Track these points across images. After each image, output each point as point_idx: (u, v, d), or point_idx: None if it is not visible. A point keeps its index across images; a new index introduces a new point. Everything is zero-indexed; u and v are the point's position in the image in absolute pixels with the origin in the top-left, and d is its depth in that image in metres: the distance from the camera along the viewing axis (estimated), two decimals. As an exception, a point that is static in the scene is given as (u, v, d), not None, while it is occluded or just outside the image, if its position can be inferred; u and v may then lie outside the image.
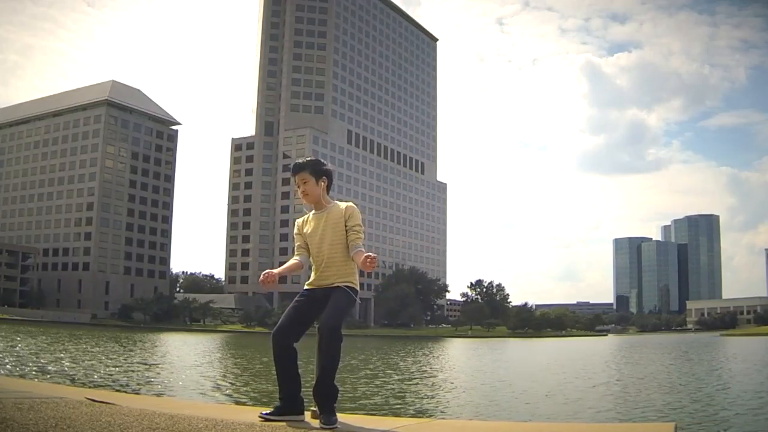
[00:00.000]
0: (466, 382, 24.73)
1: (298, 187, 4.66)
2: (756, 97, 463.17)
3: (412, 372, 28.71)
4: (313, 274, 4.62)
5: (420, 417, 13.36)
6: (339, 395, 4.37)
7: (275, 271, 4.48)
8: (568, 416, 15.00)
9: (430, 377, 26.81)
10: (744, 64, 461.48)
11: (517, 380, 25.85)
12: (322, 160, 4.75)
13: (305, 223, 4.73)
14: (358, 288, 4.58)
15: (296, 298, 4.62)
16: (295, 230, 4.76)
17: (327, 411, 4.25)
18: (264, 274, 4.46)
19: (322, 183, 4.63)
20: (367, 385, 21.11)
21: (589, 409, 16.22)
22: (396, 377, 25.19)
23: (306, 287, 4.65)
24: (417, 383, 23.44)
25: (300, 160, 4.71)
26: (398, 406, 15.88)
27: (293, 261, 4.68)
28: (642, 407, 16.55)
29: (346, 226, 4.55)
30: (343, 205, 4.65)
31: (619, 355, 50.65)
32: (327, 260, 4.54)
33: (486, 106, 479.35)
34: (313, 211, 4.70)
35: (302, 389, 4.48)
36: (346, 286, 4.49)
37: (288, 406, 4.40)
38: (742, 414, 15.33)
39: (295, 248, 4.74)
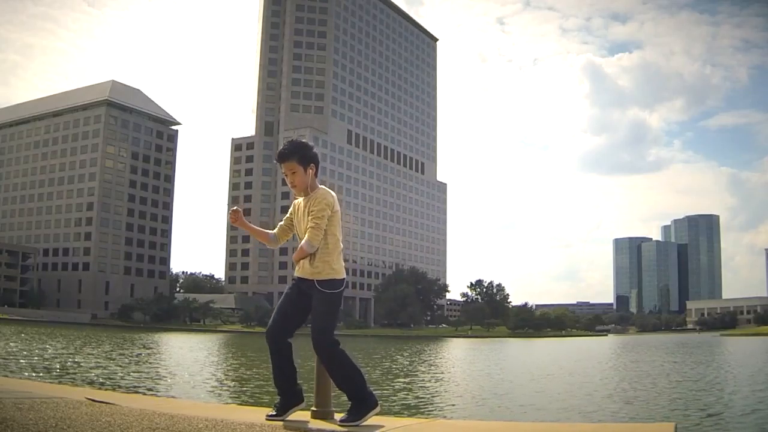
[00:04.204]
0: (467, 382, 24.72)
1: (286, 176, 4.39)
2: (757, 97, 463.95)
3: (413, 372, 28.70)
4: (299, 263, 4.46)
5: (420, 417, 13.35)
6: (363, 400, 4.31)
7: (248, 225, 4.50)
8: (568, 416, 14.99)
9: (431, 377, 26.79)
10: (745, 64, 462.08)
11: (517, 380, 25.85)
12: (308, 143, 4.49)
13: (297, 207, 4.52)
14: (340, 276, 4.37)
15: (287, 289, 4.51)
16: (289, 211, 4.58)
17: (350, 410, 4.26)
18: (233, 212, 4.37)
19: (310, 171, 4.36)
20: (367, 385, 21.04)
21: (589, 408, 16.22)
22: (396, 377, 25.19)
23: (296, 275, 4.49)
24: (417, 383, 23.43)
25: (285, 146, 4.41)
26: (398, 406, 15.87)
27: (268, 231, 4.64)
28: (642, 407, 16.54)
29: None
30: (322, 190, 4.40)
31: (620, 355, 50.62)
32: None
33: (487, 106, 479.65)
34: (302, 198, 4.48)
35: (298, 380, 4.44)
36: (324, 282, 4.31)
37: (288, 399, 4.38)
38: (743, 414, 15.32)
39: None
